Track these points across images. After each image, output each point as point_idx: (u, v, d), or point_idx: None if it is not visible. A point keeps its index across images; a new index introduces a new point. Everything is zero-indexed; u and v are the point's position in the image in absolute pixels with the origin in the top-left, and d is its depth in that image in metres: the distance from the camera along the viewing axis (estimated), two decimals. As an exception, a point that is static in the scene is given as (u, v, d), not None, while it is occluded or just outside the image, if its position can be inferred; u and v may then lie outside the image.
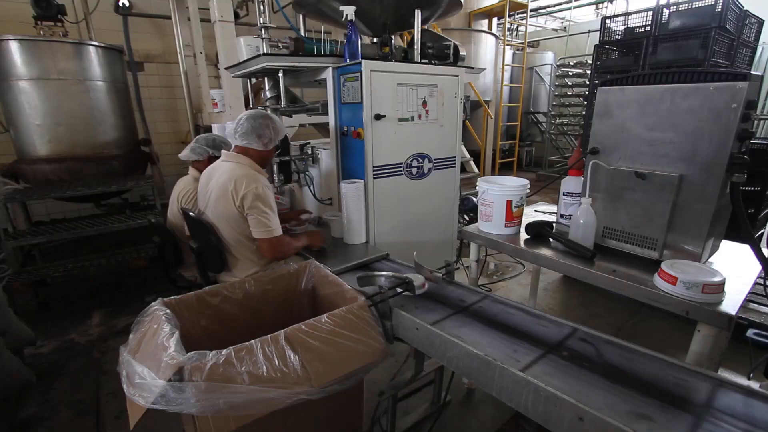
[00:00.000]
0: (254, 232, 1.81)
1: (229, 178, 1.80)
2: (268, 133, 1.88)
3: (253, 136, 1.86)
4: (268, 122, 1.89)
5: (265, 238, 1.81)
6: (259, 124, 1.87)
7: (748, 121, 1.31)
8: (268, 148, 1.93)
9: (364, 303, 1.38)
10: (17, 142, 3.64)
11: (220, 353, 1.08)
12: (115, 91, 3.93)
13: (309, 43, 2.47)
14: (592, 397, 0.93)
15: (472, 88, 5.89)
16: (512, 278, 3.59)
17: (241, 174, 1.80)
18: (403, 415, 1.90)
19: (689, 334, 1.32)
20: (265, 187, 1.83)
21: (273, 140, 1.93)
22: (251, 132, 1.86)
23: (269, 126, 1.89)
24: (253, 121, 1.87)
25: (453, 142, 2.64)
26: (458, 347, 1.17)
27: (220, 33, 3.30)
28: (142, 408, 1.02)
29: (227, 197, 1.79)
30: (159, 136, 5.23)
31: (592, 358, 1.10)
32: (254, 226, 1.80)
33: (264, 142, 1.89)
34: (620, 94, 1.54)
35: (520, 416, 1.96)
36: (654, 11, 3.16)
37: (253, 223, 1.80)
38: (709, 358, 1.27)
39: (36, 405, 2.14)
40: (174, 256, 2.30)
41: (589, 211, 1.59)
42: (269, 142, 1.91)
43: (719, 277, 1.25)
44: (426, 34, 2.93)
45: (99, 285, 3.58)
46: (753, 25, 3.37)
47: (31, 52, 3.39)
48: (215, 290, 1.55)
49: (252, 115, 1.90)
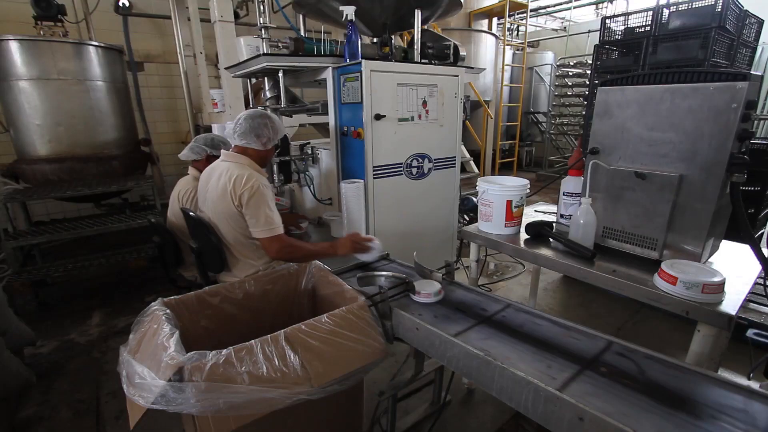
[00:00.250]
0: (255, 232, 1.80)
1: (228, 178, 1.80)
2: (266, 132, 1.88)
3: (251, 135, 1.86)
4: (266, 121, 1.89)
5: (266, 236, 1.80)
6: (258, 124, 1.87)
7: (748, 121, 1.31)
8: (266, 148, 1.93)
9: (364, 303, 1.38)
10: (17, 142, 3.64)
11: (220, 353, 1.07)
12: (115, 91, 3.93)
13: (309, 43, 2.47)
14: (642, 420, 0.87)
15: (472, 88, 5.89)
16: (512, 278, 3.59)
17: (240, 173, 1.80)
18: (403, 415, 1.90)
19: (689, 334, 1.32)
20: (264, 186, 1.82)
21: (272, 139, 1.92)
22: (250, 131, 1.86)
23: (268, 125, 1.89)
24: (251, 120, 1.87)
25: (453, 142, 2.64)
26: (458, 347, 1.17)
27: (220, 33, 3.30)
28: (142, 408, 1.02)
29: (226, 196, 1.79)
30: (159, 136, 5.24)
31: (633, 375, 1.02)
32: (254, 225, 1.79)
33: (263, 141, 1.89)
34: (620, 94, 1.54)
35: (520, 416, 1.96)
36: (654, 11, 3.16)
37: (252, 223, 1.79)
38: (709, 358, 1.27)
39: (36, 405, 2.14)
40: (174, 256, 2.30)
41: (589, 211, 1.59)
42: (268, 142, 1.91)
43: (719, 277, 1.25)
44: (426, 34, 2.93)
45: (99, 285, 3.58)
46: (753, 25, 3.37)
47: (31, 52, 3.39)
48: (215, 290, 1.55)
49: (250, 115, 1.89)
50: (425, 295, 1.43)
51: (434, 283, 1.45)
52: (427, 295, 1.42)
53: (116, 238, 4.18)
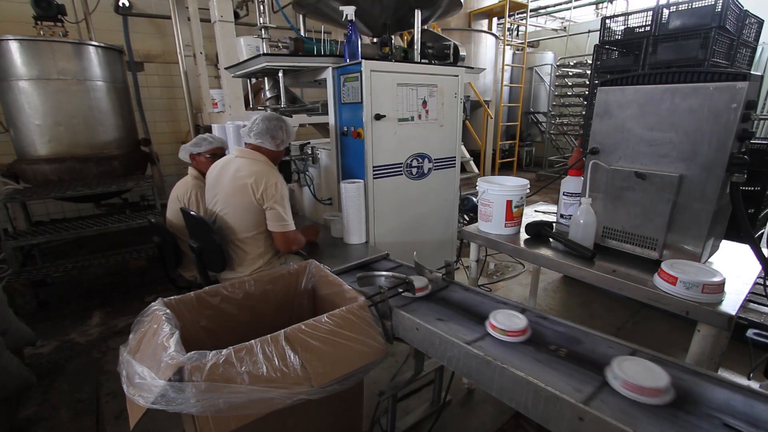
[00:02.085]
0: (271, 225, 1.91)
1: (249, 173, 1.89)
2: (281, 134, 2.00)
3: (267, 136, 1.97)
4: (281, 125, 2.02)
5: (280, 231, 1.92)
6: (274, 126, 1.99)
7: (748, 121, 1.31)
8: (279, 149, 2.05)
9: (364, 303, 1.38)
10: (17, 142, 3.64)
11: (220, 353, 1.07)
12: (115, 91, 3.93)
13: (309, 43, 2.47)
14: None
15: (472, 88, 5.89)
16: (512, 278, 3.59)
17: (260, 169, 1.90)
18: (403, 415, 1.90)
19: (689, 334, 1.32)
20: (284, 184, 1.95)
21: (285, 141, 2.05)
22: (266, 132, 1.97)
23: (282, 128, 2.01)
24: (268, 122, 1.99)
25: (453, 142, 2.64)
26: (458, 347, 1.17)
27: (220, 33, 3.30)
28: (142, 408, 1.02)
29: (246, 191, 1.87)
30: (159, 136, 5.23)
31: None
32: (272, 219, 1.90)
33: (276, 143, 2.00)
34: (620, 94, 1.54)
35: (520, 416, 1.96)
36: (654, 11, 3.16)
37: (270, 216, 1.90)
38: (709, 358, 1.27)
39: (36, 405, 2.14)
40: (174, 256, 2.30)
41: (589, 211, 1.59)
42: (281, 144, 2.03)
43: (719, 277, 1.25)
44: (426, 34, 2.93)
45: (99, 285, 3.58)
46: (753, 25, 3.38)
47: (31, 52, 3.39)
48: (215, 290, 1.55)
49: (267, 117, 2.01)
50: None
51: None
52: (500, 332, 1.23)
53: (116, 238, 4.17)
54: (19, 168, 3.60)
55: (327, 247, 2.21)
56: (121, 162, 3.92)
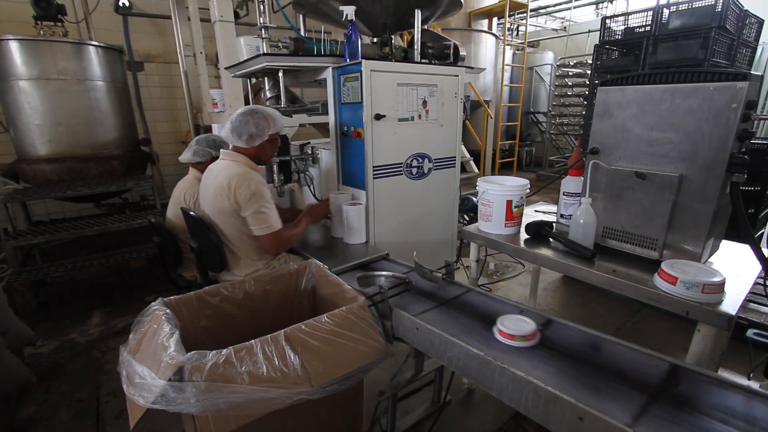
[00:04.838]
0: (254, 230, 1.81)
1: (225, 176, 1.80)
2: (248, 129, 1.82)
3: (234, 135, 1.84)
4: (248, 119, 1.82)
5: (265, 234, 1.81)
6: (239, 122, 1.82)
7: (748, 121, 1.31)
8: (251, 146, 1.87)
9: (364, 303, 1.38)
10: (17, 142, 3.64)
11: (220, 353, 1.08)
12: (115, 91, 3.93)
13: (309, 43, 2.46)
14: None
15: (472, 88, 5.89)
16: (512, 278, 3.59)
17: (236, 172, 1.80)
18: (403, 415, 1.90)
19: (689, 334, 1.32)
20: (260, 183, 1.81)
21: (257, 136, 1.85)
22: (233, 131, 1.84)
23: (249, 122, 1.82)
24: (234, 119, 1.83)
25: (453, 142, 2.64)
26: (458, 347, 1.17)
27: (220, 33, 3.30)
28: (142, 408, 1.02)
29: (223, 195, 1.79)
30: (159, 136, 5.23)
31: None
32: (253, 223, 1.80)
33: (246, 139, 1.84)
34: (620, 94, 1.54)
35: (520, 416, 1.96)
36: (654, 11, 3.16)
37: (251, 221, 1.80)
38: (709, 358, 1.27)
39: (36, 405, 2.13)
40: (174, 256, 2.30)
41: (589, 211, 1.59)
42: (255, 139, 1.85)
43: (719, 277, 1.25)
44: (426, 34, 2.93)
45: (99, 285, 3.58)
46: (753, 25, 3.37)
47: (31, 52, 3.39)
48: (215, 290, 1.55)
49: (238, 113, 1.85)
50: (507, 336, 1.14)
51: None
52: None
53: (116, 238, 4.17)
54: (19, 168, 3.60)
55: (327, 247, 2.21)
56: (121, 162, 3.92)
